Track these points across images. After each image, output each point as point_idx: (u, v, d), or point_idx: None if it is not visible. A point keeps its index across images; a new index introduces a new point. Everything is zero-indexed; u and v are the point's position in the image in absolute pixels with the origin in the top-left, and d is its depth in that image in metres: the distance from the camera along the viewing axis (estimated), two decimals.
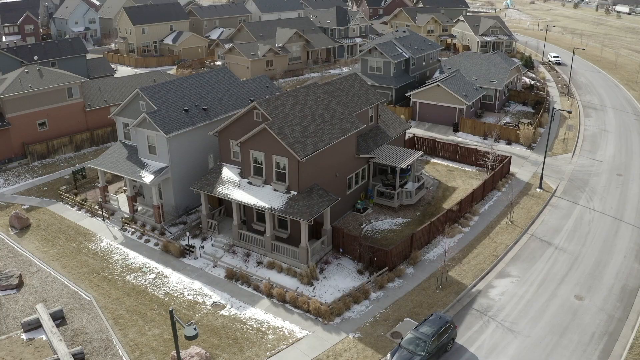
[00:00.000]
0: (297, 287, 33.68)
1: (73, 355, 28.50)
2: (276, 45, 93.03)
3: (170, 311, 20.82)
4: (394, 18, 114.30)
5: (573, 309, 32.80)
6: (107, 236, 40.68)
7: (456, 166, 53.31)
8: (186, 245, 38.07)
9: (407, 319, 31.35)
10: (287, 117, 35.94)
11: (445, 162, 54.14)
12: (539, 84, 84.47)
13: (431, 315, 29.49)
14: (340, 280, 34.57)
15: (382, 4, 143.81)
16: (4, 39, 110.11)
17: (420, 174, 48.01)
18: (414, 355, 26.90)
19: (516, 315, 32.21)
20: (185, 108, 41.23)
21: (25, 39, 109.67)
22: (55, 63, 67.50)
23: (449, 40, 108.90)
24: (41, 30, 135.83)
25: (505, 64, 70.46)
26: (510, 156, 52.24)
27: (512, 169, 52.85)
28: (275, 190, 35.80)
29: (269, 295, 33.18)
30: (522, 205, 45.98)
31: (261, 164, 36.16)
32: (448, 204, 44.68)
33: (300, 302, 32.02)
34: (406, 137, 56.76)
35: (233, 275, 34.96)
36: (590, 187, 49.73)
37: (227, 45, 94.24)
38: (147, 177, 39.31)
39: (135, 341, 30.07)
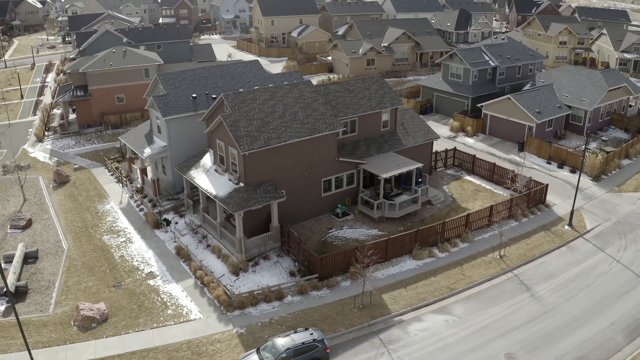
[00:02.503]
0: (223, 274, 34.99)
1: (17, 287, 33.88)
2: (382, 44, 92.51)
3: None
4: (527, 26, 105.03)
5: None
6: (115, 200, 46.22)
7: (488, 187, 48.68)
8: (163, 219, 41.69)
9: (300, 328, 30.62)
10: (250, 112, 37.10)
11: (478, 181, 49.73)
12: None
13: (306, 329, 28.61)
14: (267, 277, 34.91)
15: (533, 12, 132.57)
16: (160, 21, 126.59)
17: (427, 187, 45.09)
18: None
19: (419, 356, 29.03)
20: (194, 95, 44.60)
21: (179, 21, 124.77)
22: (160, 46, 76.60)
23: (585, 55, 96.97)
24: (200, 14, 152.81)
25: (604, 84, 61.28)
26: (547, 184, 46.14)
27: (554, 200, 46.56)
28: (229, 179, 37.34)
29: (195, 276, 35.09)
30: (531, 241, 40.60)
31: (223, 153, 38.00)
32: None
33: (211, 287, 33.40)
34: (447, 149, 53.34)
35: (180, 253, 37.57)
36: (635, 234, 41.74)
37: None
38: (146, 153, 43.71)
39: (69, 288, 34.49)
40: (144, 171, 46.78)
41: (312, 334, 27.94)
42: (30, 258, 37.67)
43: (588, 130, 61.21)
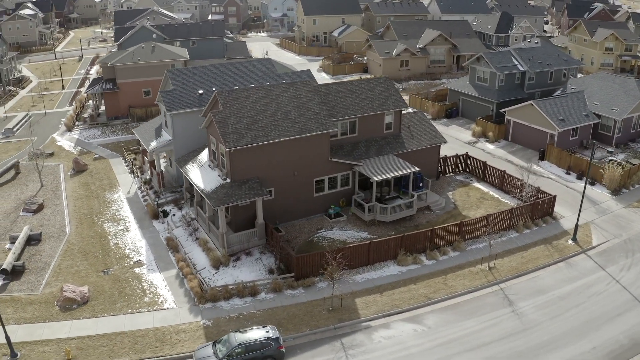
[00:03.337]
0: (204, 267, 35.89)
1: (14, 266, 36.20)
2: (417, 46, 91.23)
3: None
4: (573, 30, 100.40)
5: None
6: (124, 190, 48.21)
7: (495, 195, 47.21)
8: (162, 210, 43.17)
9: (258, 326, 30.81)
10: (241, 109, 37.76)
11: (486, 189, 48.31)
12: None
13: (263, 326, 28.95)
14: (246, 272, 35.45)
15: (585, 16, 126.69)
16: (209, 17, 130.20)
17: (426, 193, 44.26)
18: (212, 357, 27.21)
19: None
20: (200, 91, 45.82)
21: (227, 19, 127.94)
22: (195, 42, 78.84)
23: (633, 62, 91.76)
24: (250, 12, 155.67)
25: (637, 92, 57.80)
26: (555, 195, 44.23)
27: (564, 212, 44.63)
28: (218, 175, 38.20)
29: (178, 267, 36.19)
30: (527, 254, 38.99)
31: (215, 149, 38.91)
32: None
33: (189, 279, 34.36)
34: (457, 154, 52.07)
35: (169, 244, 38.83)
36: None
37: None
38: (152, 146, 45.35)
39: (61, 270, 36.43)
40: (152, 163, 48.50)
41: (267, 331, 28.29)
42: (33, 240, 40.02)
43: (617, 141, 58.24)
